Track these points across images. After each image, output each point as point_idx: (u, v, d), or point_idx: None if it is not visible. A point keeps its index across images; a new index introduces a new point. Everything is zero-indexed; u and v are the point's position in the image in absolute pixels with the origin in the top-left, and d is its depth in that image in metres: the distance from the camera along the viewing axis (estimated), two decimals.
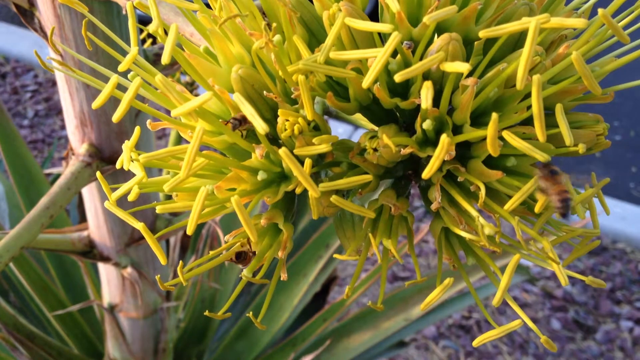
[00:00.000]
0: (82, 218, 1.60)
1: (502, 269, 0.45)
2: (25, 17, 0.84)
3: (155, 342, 1.38)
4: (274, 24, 0.45)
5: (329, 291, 1.90)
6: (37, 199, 0.85)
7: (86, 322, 1.59)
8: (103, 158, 0.95)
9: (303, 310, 1.82)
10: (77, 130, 0.94)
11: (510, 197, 0.43)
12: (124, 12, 0.72)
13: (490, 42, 0.47)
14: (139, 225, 0.43)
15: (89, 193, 1.06)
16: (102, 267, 1.23)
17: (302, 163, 0.42)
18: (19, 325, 1.35)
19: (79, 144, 0.95)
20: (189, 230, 0.39)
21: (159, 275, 0.51)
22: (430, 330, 2.80)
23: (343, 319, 1.74)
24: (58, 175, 1.58)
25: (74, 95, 0.90)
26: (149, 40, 1.28)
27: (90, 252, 1.13)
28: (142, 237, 1.13)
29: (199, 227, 1.71)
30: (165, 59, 0.37)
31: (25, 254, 1.47)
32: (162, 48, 0.93)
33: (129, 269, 1.16)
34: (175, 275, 1.13)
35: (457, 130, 0.45)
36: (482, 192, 0.42)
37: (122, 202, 0.47)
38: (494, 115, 0.35)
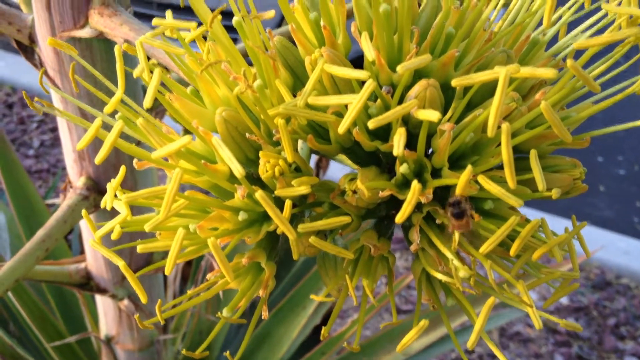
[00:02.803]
0: (84, 249, 1.61)
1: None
2: (26, 53, 0.86)
3: None
4: (254, 70, 0.46)
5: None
6: (37, 229, 0.86)
7: (84, 353, 1.58)
8: (100, 191, 0.96)
9: (302, 343, 1.80)
10: (75, 164, 0.95)
11: None
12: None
13: (469, 87, 0.48)
14: (120, 264, 0.43)
15: (85, 226, 1.07)
16: (99, 298, 1.24)
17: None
18: (16, 355, 1.35)
19: (76, 177, 0.96)
20: (167, 271, 0.39)
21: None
22: None
23: (342, 352, 1.72)
24: None
25: (72, 129, 0.91)
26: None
27: (87, 284, 1.14)
28: (139, 269, 1.13)
29: (199, 258, 1.71)
30: (147, 104, 0.38)
31: (25, 284, 1.48)
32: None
33: (126, 301, 1.17)
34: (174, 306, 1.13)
35: (437, 173, 0.46)
36: (456, 235, 0.43)
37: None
38: (469, 167, 0.36)
